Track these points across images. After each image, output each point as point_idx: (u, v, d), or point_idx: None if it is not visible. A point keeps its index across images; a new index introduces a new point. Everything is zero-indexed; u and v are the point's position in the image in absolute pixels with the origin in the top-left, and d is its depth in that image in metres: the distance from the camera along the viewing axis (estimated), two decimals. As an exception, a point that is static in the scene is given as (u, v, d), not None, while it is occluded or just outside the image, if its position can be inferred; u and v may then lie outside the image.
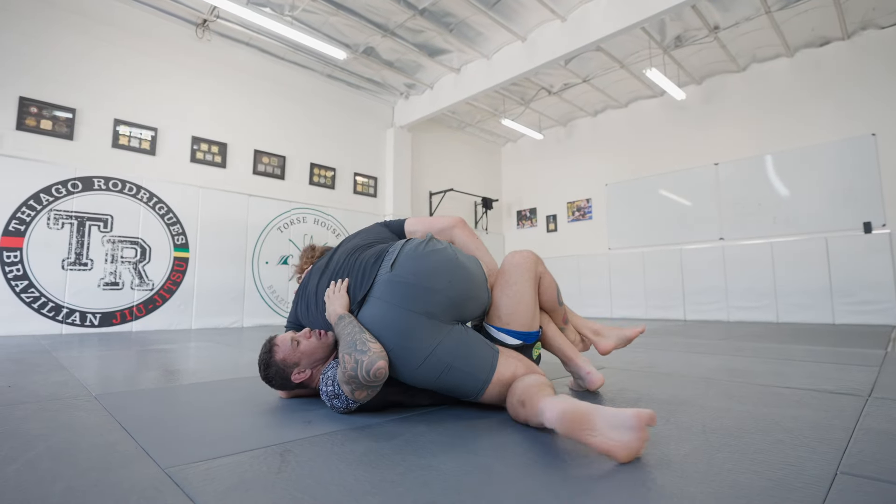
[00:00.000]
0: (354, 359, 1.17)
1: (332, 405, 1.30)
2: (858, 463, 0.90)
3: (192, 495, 0.77)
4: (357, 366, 1.16)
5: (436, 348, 1.24)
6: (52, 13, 4.60)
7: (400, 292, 1.26)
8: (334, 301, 1.36)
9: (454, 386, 1.28)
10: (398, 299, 1.26)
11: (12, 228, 4.22)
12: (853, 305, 5.26)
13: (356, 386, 1.19)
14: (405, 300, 1.25)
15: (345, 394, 1.24)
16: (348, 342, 1.22)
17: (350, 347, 1.20)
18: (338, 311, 1.33)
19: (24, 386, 1.79)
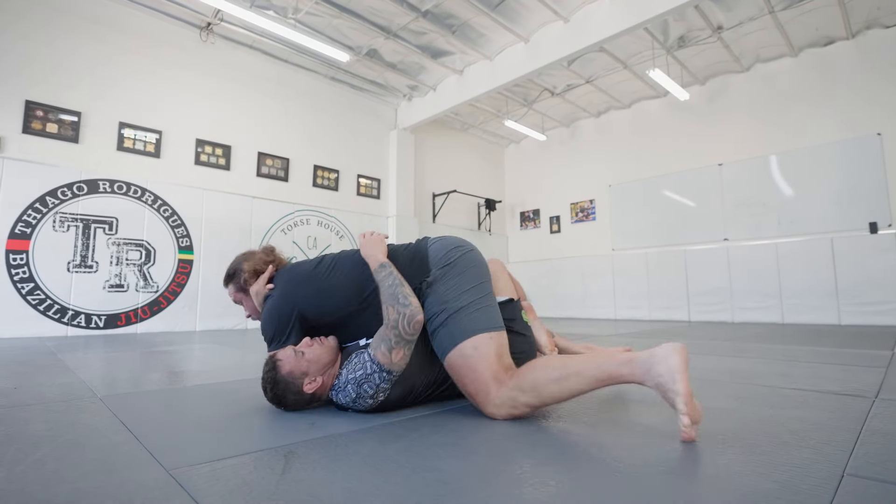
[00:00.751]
0: (397, 311, 1.26)
1: (360, 395, 1.28)
2: (865, 465, 0.90)
3: (197, 497, 0.78)
4: (399, 317, 1.25)
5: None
6: (58, 18, 4.63)
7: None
8: (374, 246, 1.44)
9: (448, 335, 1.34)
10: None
11: (18, 231, 4.25)
12: (859, 306, 5.23)
13: (396, 340, 1.25)
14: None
15: (379, 362, 1.25)
16: (390, 294, 1.30)
17: (392, 300, 1.29)
18: (379, 258, 1.40)
19: (30, 387, 1.80)
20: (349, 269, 1.50)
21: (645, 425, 1.20)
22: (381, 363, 1.26)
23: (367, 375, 1.27)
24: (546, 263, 8.36)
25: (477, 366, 1.25)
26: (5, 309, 4.14)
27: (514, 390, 1.21)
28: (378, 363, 1.26)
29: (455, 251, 1.45)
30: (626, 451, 0.99)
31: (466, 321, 1.31)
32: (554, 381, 1.17)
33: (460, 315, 1.32)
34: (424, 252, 1.47)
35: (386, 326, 1.27)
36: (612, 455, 0.97)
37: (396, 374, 1.28)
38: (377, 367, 1.26)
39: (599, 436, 1.11)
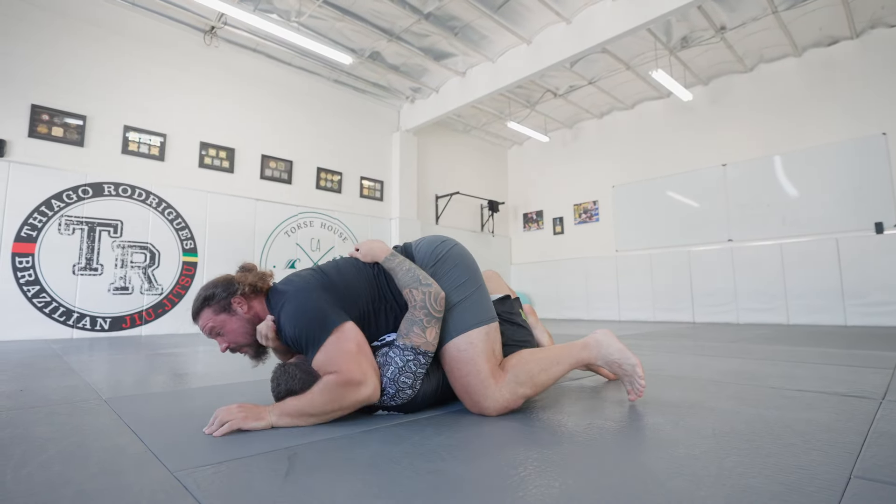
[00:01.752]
0: (421, 291, 1.32)
1: (399, 389, 1.27)
2: (873, 467, 0.89)
3: (201, 499, 0.78)
4: (425, 297, 1.30)
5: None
6: (63, 22, 4.67)
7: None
8: (374, 244, 1.46)
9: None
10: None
11: (24, 234, 4.28)
12: (865, 307, 5.19)
13: (427, 319, 1.29)
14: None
15: (414, 345, 1.27)
16: (410, 277, 1.35)
17: (414, 282, 1.34)
18: (386, 250, 1.45)
19: (35, 390, 1.81)
20: (355, 270, 1.43)
21: (649, 427, 1.20)
22: (415, 346, 1.28)
23: (401, 367, 1.27)
24: (549, 265, 8.35)
25: (476, 360, 1.30)
26: (12, 311, 4.17)
27: (512, 383, 1.31)
28: (412, 347, 1.28)
29: (441, 246, 1.49)
30: (630, 453, 0.99)
31: (462, 315, 1.36)
32: (544, 371, 1.37)
33: (456, 310, 1.37)
34: (411, 254, 1.50)
35: (413, 308, 1.31)
36: (617, 457, 0.97)
37: (431, 354, 1.30)
38: (412, 353, 1.28)
39: (604, 438, 1.11)
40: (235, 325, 1.36)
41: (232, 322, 1.36)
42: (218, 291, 1.38)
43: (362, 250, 1.48)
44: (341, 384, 1.18)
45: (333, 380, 1.18)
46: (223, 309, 1.36)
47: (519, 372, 1.33)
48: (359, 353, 1.22)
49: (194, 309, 1.39)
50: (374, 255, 1.44)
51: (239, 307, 1.37)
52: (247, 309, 1.37)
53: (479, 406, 1.30)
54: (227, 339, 1.37)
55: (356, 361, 1.20)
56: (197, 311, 1.38)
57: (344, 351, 1.20)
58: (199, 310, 1.38)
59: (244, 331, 1.37)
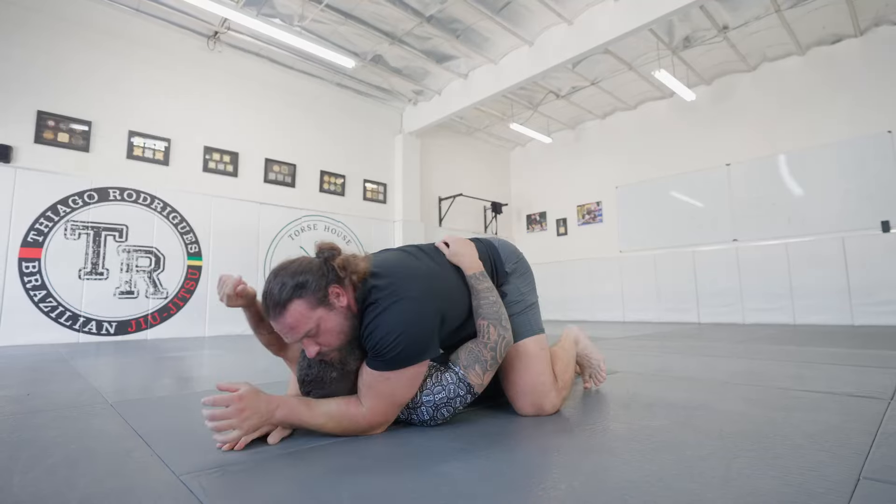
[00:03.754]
0: (499, 333, 1.22)
1: (434, 417, 1.20)
2: (882, 468, 0.88)
3: (206, 502, 0.78)
4: (500, 340, 1.21)
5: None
6: (68, 28, 4.71)
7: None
8: (465, 247, 1.36)
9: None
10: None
11: (31, 239, 4.31)
12: (872, 306, 5.15)
13: (492, 363, 1.21)
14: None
15: (470, 382, 1.18)
16: (493, 311, 1.24)
17: (496, 319, 1.23)
18: (477, 264, 1.32)
19: (42, 394, 1.82)
20: (456, 279, 1.32)
21: (656, 428, 1.19)
22: (471, 383, 1.17)
23: (450, 399, 1.18)
24: (553, 266, 8.33)
25: (548, 362, 1.38)
26: (18, 316, 4.20)
27: (560, 388, 1.40)
28: (468, 384, 1.18)
29: (518, 252, 1.56)
30: (637, 454, 0.98)
31: (537, 317, 1.44)
32: (568, 366, 1.51)
33: (533, 309, 1.44)
34: (495, 248, 1.51)
35: (483, 346, 1.20)
36: (624, 458, 0.96)
37: (477, 395, 1.23)
38: (466, 389, 1.18)
39: (611, 441, 1.10)
40: (333, 322, 1.09)
41: (330, 319, 1.08)
42: (311, 279, 1.08)
43: (452, 249, 1.34)
44: (363, 424, 1.12)
45: (355, 419, 1.11)
46: (320, 301, 1.07)
47: (559, 378, 1.42)
48: (399, 406, 1.16)
49: (280, 297, 1.06)
50: (460, 261, 1.31)
51: (337, 300, 1.10)
52: (345, 302, 1.11)
53: (542, 404, 1.32)
54: (322, 340, 1.09)
55: (391, 411, 1.14)
56: (285, 300, 1.05)
57: (393, 401, 1.13)
58: (288, 299, 1.06)
59: (341, 329, 1.10)
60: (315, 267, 1.11)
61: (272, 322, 1.10)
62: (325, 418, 1.10)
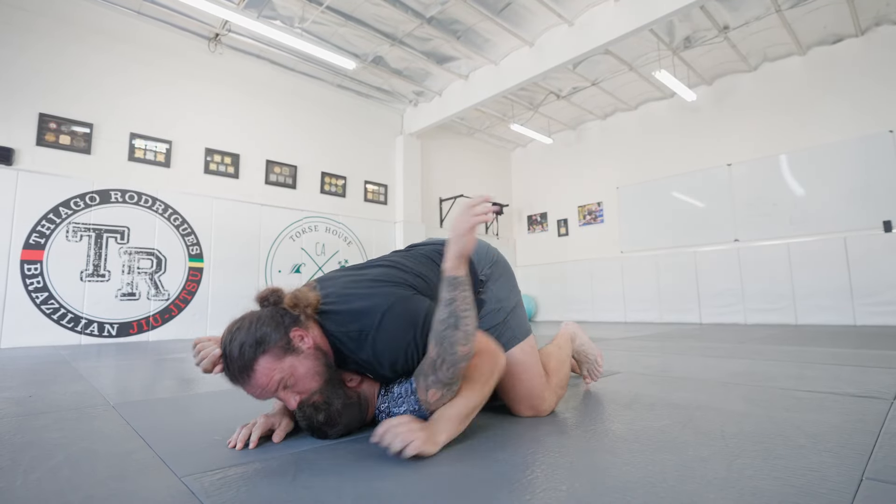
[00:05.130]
0: (438, 353, 1.02)
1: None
2: (884, 468, 0.88)
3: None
4: (438, 361, 1.01)
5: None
6: (70, 32, 4.73)
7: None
8: (466, 232, 1.06)
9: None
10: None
11: (33, 242, 4.32)
12: (875, 306, 5.14)
13: (434, 382, 1.03)
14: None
15: (417, 393, 1.07)
16: (437, 331, 1.02)
17: (438, 338, 1.02)
18: (461, 264, 1.05)
19: (44, 396, 1.82)
20: (411, 254, 1.34)
21: (657, 429, 1.19)
22: (419, 397, 1.07)
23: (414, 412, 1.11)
24: (554, 267, 8.32)
25: (538, 364, 1.36)
26: (20, 318, 4.21)
27: (554, 386, 1.40)
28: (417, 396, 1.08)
29: (492, 250, 1.50)
30: (638, 455, 0.98)
31: (520, 320, 1.40)
32: (562, 363, 1.48)
33: (514, 313, 1.40)
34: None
35: (426, 360, 1.05)
36: (625, 459, 0.96)
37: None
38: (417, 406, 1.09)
39: (612, 441, 1.10)
40: (305, 366, 1.04)
41: (301, 364, 1.04)
42: (269, 330, 1.03)
43: (456, 228, 1.09)
44: (491, 355, 1.11)
45: (487, 354, 1.09)
46: (286, 350, 1.02)
47: (553, 378, 1.42)
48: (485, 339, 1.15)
49: (244, 360, 0.99)
50: (448, 248, 1.06)
51: (301, 342, 1.05)
52: (311, 342, 1.07)
53: (538, 408, 1.33)
54: (299, 389, 1.04)
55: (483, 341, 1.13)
56: (250, 361, 0.99)
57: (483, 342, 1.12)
58: (253, 359, 1.00)
59: (315, 371, 1.05)
60: (267, 317, 1.06)
61: (242, 388, 1.03)
62: (472, 387, 1.07)
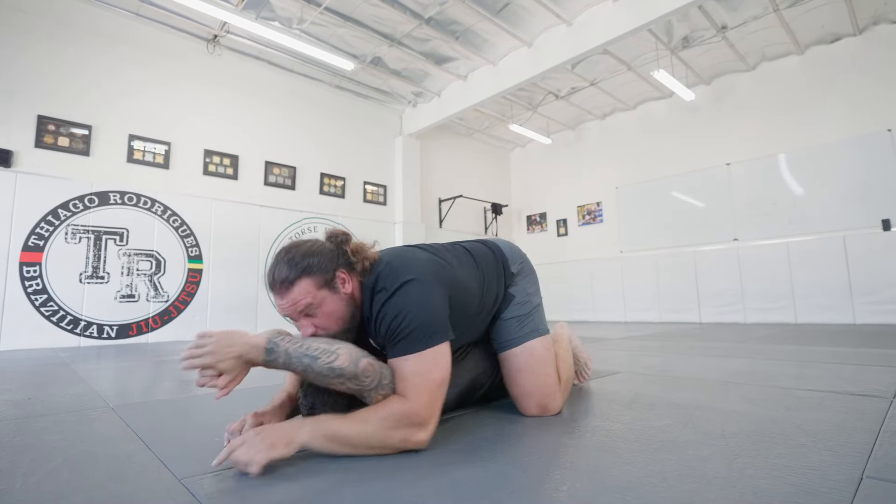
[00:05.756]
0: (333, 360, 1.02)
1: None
2: (885, 467, 0.88)
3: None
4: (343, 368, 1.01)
5: None
6: (69, 33, 4.72)
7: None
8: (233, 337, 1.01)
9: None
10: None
11: (31, 244, 4.32)
12: (874, 305, 5.14)
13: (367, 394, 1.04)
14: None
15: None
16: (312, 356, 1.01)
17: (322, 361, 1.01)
18: (262, 341, 1.02)
19: (43, 398, 1.82)
20: (469, 263, 1.35)
21: (657, 429, 1.19)
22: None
23: None
24: (554, 267, 8.32)
25: (552, 362, 1.38)
26: (20, 320, 4.20)
27: (563, 389, 1.42)
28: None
29: (522, 252, 1.56)
30: (639, 455, 0.98)
31: (542, 318, 1.44)
32: (570, 367, 1.53)
33: (538, 310, 1.44)
34: (500, 249, 1.49)
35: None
36: (625, 459, 0.96)
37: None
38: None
39: (612, 441, 1.10)
40: (335, 305, 1.08)
41: (332, 302, 1.08)
42: (322, 260, 1.08)
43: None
44: (408, 416, 0.98)
45: (401, 410, 0.99)
46: (326, 283, 1.07)
47: (564, 379, 1.45)
48: (440, 387, 1.04)
49: (288, 274, 1.05)
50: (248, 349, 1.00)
51: (342, 284, 1.10)
52: (350, 289, 1.11)
53: (548, 406, 1.33)
54: (319, 323, 1.08)
55: (431, 397, 1.01)
56: (294, 278, 1.05)
57: (429, 378, 1.02)
58: (297, 277, 1.05)
59: (340, 315, 1.09)
60: (326, 249, 1.12)
61: (274, 296, 1.07)
62: (363, 421, 0.98)
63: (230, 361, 0.95)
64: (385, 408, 0.99)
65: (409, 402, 0.99)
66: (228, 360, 0.95)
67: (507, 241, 1.56)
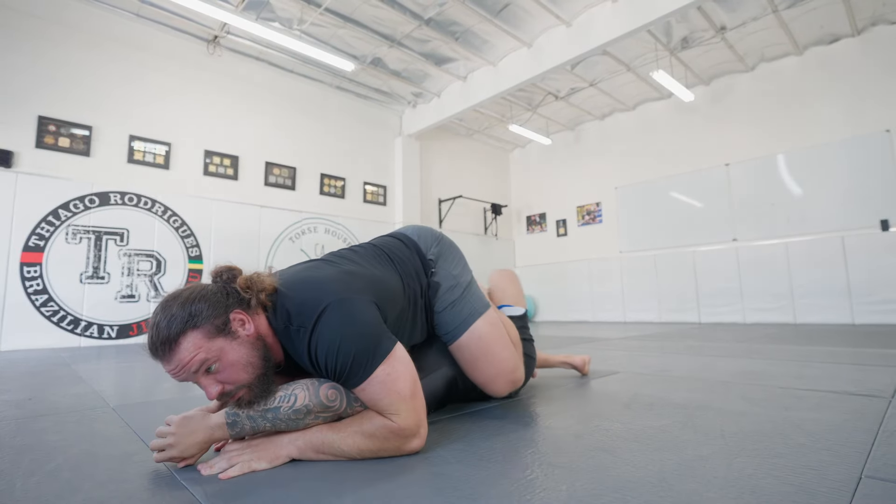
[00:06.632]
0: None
1: None
2: (883, 466, 0.88)
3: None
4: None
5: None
6: (69, 34, 4.73)
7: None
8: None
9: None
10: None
11: (32, 244, 4.32)
12: (873, 305, 5.15)
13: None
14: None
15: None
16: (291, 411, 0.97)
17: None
18: (221, 420, 0.96)
19: (44, 398, 1.82)
20: (379, 260, 1.26)
21: (656, 429, 1.19)
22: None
23: None
24: (553, 267, 8.33)
25: (504, 336, 1.33)
26: (20, 321, 4.20)
27: (521, 355, 1.42)
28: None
29: (435, 233, 1.44)
30: (638, 455, 0.98)
31: (477, 294, 1.36)
32: (512, 327, 1.49)
33: (471, 288, 1.36)
34: (408, 237, 1.39)
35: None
36: (624, 459, 0.96)
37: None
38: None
39: (611, 440, 1.10)
40: (238, 353, 0.94)
41: (233, 350, 0.93)
42: (207, 306, 0.93)
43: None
44: (396, 433, 0.96)
45: (387, 428, 0.95)
46: (219, 330, 0.93)
47: (518, 344, 1.45)
48: (413, 392, 0.98)
49: (168, 333, 0.89)
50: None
51: (241, 327, 0.96)
52: (252, 329, 0.97)
53: (515, 381, 1.35)
54: (224, 377, 0.93)
55: (411, 406, 0.97)
56: (176, 334, 0.89)
57: (398, 391, 0.96)
58: (179, 333, 0.89)
59: (248, 361, 0.95)
60: (211, 292, 0.97)
61: (161, 363, 0.92)
62: (353, 434, 0.96)
63: (196, 447, 0.94)
64: (371, 421, 0.97)
65: (395, 422, 0.96)
66: (194, 446, 0.94)
67: (416, 226, 1.44)
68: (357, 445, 0.96)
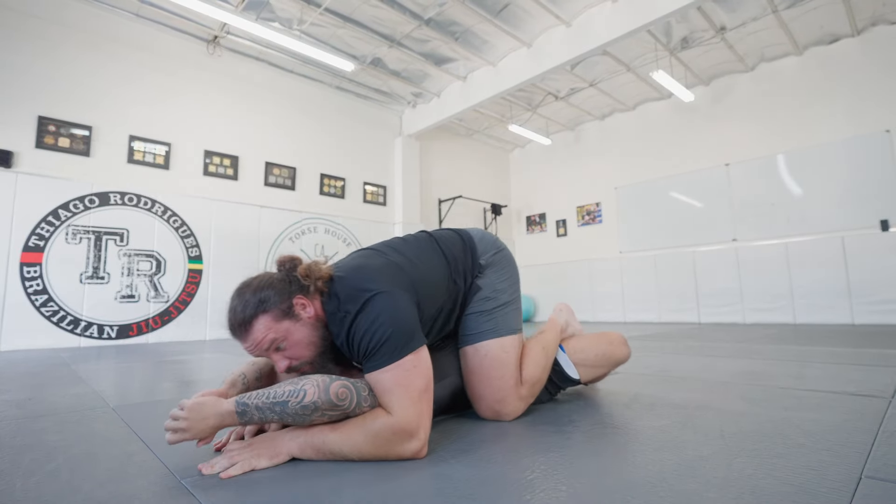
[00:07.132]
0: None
1: None
2: (883, 467, 0.88)
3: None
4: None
5: None
6: (69, 34, 4.73)
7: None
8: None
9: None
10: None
11: (32, 244, 4.32)
12: (873, 305, 5.15)
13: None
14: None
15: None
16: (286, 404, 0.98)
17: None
18: (231, 407, 0.98)
19: (44, 398, 1.82)
20: (435, 260, 1.28)
21: (656, 429, 1.19)
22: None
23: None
24: (553, 267, 8.33)
25: (512, 364, 1.29)
26: (20, 321, 4.20)
27: (526, 396, 1.33)
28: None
29: (498, 243, 1.45)
30: (638, 455, 0.98)
31: (509, 317, 1.34)
32: (543, 370, 1.38)
33: (506, 309, 1.34)
34: (469, 237, 1.41)
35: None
36: (625, 459, 0.96)
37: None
38: None
39: (611, 441, 1.10)
40: (302, 333, 1.07)
41: (298, 330, 1.07)
42: (274, 293, 1.06)
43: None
44: (395, 431, 0.96)
45: (387, 425, 0.96)
46: (285, 314, 1.06)
47: (526, 377, 1.33)
48: (424, 394, 1.01)
49: (244, 316, 1.04)
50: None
51: (303, 310, 1.08)
52: (312, 312, 1.09)
53: (500, 412, 1.28)
54: (291, 354, 1.07)
55: (417, 407, 0.99)
56: (249, 317, 1.04)
57: (411, 388, 0.99)
58: (252, 317, 1.04)
59: (310, 341, 1.08)
60: (276, 280, 1.10)
61: (239, 341, 1.07)
62: (351, 434, 0.96)
63: (206, 431, 0.97)
64: (373, 421, 0.97)
65: (395, 417, 0.97)
66: (205, 430, 0.97)
67: (481, 230, 1.46)
68: (357, 447, 0.96)
